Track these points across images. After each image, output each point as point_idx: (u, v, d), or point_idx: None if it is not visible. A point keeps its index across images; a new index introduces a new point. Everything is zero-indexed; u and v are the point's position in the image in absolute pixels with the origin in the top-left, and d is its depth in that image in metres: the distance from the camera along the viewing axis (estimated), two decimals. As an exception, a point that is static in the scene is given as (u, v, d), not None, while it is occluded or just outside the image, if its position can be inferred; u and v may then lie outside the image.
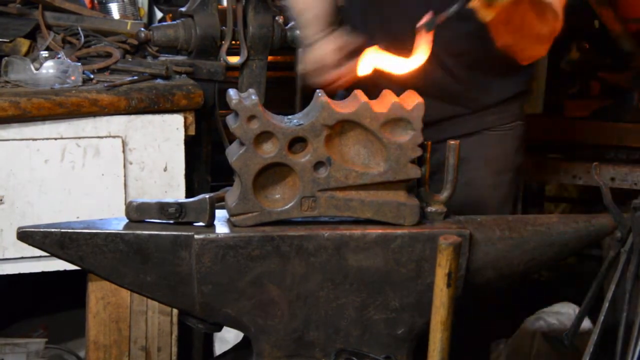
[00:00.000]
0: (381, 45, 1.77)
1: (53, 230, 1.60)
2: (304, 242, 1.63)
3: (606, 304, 1.88)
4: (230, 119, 1.62)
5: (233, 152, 1.63)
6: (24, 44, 2.92)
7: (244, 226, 1.64)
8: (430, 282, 1.59)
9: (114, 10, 3.34)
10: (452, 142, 1.70)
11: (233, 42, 2.71)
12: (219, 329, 2.00)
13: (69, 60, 2.77)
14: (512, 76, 2.05)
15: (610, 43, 3.08)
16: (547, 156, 3.00)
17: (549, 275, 3.83)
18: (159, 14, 3.88)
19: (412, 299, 1.68)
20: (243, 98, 1.60)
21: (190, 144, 2.61)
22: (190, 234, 1.61)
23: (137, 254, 1.61)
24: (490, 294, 2.90)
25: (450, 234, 1.61)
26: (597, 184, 1.96)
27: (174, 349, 2.70)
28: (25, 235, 1.61)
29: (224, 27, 2.72)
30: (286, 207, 1.64)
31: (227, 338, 2.85)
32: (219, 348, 2.97)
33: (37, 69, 2.71)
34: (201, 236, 1.60)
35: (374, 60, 1.67)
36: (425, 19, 1.67)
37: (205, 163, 2.88)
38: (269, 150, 1.61)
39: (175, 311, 2.59)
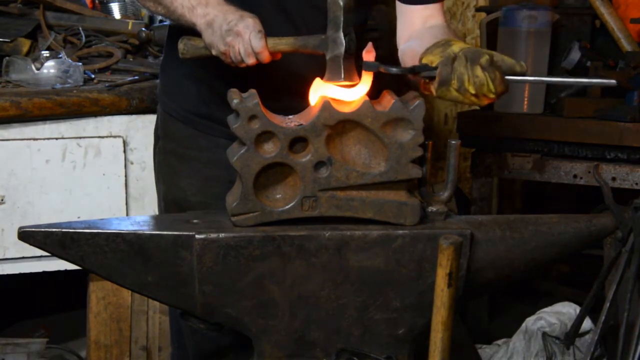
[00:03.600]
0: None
1: (54, 230, 1.60)
2: (305, 242, 1.63)
3: (607, 304, 1.88)
4: (231, 119, 1.62)
5: (234, 152, 1.63)
6: (25, 44, 2.93)
7: (245, 226, 1.64)
8: (431, 282, 1.59)
9: (115, 10, 3.35)
10: (453, 141, 1.70)
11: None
12: (220, 329, 2.00)
13: (70, 60, 2.77)
14: None
15: (611, 43, 3.08)
16: (547, 156, 3.00)
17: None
18: (159, 14, 3.88)
19: (413, 299, 1.68)
20: (244, 98, 1.60)
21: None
22: (191, 233, 1.61)
23: (138, 254, 1.61)
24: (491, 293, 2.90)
25: (451, 233, 1.61)
26: (598, 183, 1.96)
27: (175, 349, 2.69)
28: (26, 235, 1.60)
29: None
30: (287, 207, 1.64)
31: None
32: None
33: (38, 69, 2.71)
34: (202, 236, 1.60)
35: (322, 90, 1.68)
36: (369, 58, 1.67)
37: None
38: (270, 150, 1.61)
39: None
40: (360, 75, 1.71)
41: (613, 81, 1.62)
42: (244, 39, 1.69)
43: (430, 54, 1.67)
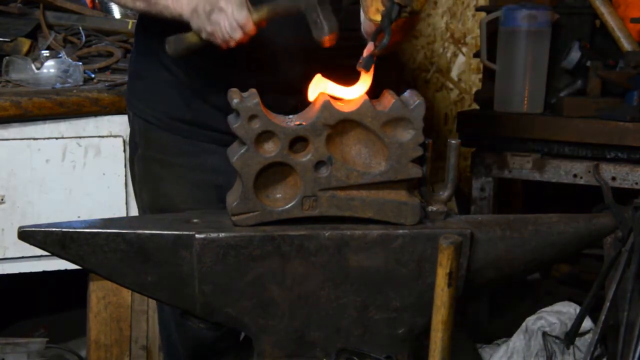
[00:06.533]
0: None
1: (54, 229, 1.60)
2: (304, 241, 1.63)
3: (607, 304, 1.88)
4: (231, 119, 1.62)
5: (234, 152, 1.63)
6: (25, 44, 2.93)
7: (245, 226, 1.64)
8: (431, 282, 1.59)
9: (115, 9, 3.34)
10: (453, 141, 1.70)
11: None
12: (220, 329, 1.99)
13: (70, 60, 2.77)
14: None
15: (611, 43, 3.08)
16: (547, 156, 3.00)
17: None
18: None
19: (413, 299, 1.68)
20: (245, 97, 1.60)
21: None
22: (191, 233, 1.61)
23: (138, 253, 1.61)
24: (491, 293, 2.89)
25: (451, 233, 1.61)
26: (598, 183, 1.96)
27: (175, 349, 2.68)
28: (26, 235, 1.60)
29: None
30: (287, 206, 1.64)
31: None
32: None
33: (38, 69, 2.71)
34: (202, 236, 1.60)
35: (322, 87, 1.68)
36: (362, 58, 1.67)
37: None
38: (270, 150, 1.61)
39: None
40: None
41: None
42: (228, 13, 1.68)
43: (371, 6, 1.65)
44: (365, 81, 1.67)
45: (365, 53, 1.67)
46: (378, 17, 1.64)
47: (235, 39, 1.71)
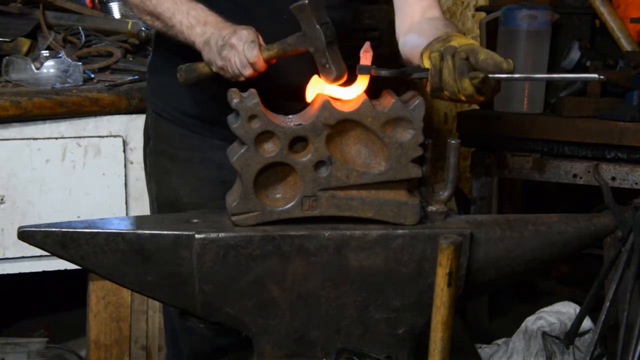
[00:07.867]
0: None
1: (54, 229, 1.60)
2: (305, 241, 1.63)
3: (607, 304, 1.88)
4: (231, 119, 1.62)
5: (234, 152, 1.63)
6: (24, 44, 2.93)
7: (245, 226, 1.64)
8: (431, 282, 1.59)
9: (115, 9, 3.34)
10: (453, 141, 1.70)
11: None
12: (220, 329, 1.99)
13: (69, 60, 2.77)
14: None
15: (610, 43, 3.08)
16: (547, 156, 3.00)
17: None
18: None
19: (413, 299, 1.68)
20: (244, 98, 1.60)
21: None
22: (191, 233, 1.61)
23: (138, 253, 1.61)
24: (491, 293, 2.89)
25: (451, 233, 1.61)
26: (598, 183, 1.96)
27: (175, 349, 2.68)
28: (26, 235, 1.60)
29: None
30: (287, 206, 1.64)
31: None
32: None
33: (38, 69, 2.71)
34: (202, 236, 1.60)
35: (319, 88, 1.69)
36: (366, 58, 1.68)
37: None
38: (270, 150, 1.61)
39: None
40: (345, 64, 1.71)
41: (595, 75, 1.62)
42: (239, 51, 1.70)
43: (431, 48, 1.66)
44: (362, 82, 1.67)
45: (362, 53, 1.67)
46: (426, 64, 1.65)
47: (244, 75, 1.73)
